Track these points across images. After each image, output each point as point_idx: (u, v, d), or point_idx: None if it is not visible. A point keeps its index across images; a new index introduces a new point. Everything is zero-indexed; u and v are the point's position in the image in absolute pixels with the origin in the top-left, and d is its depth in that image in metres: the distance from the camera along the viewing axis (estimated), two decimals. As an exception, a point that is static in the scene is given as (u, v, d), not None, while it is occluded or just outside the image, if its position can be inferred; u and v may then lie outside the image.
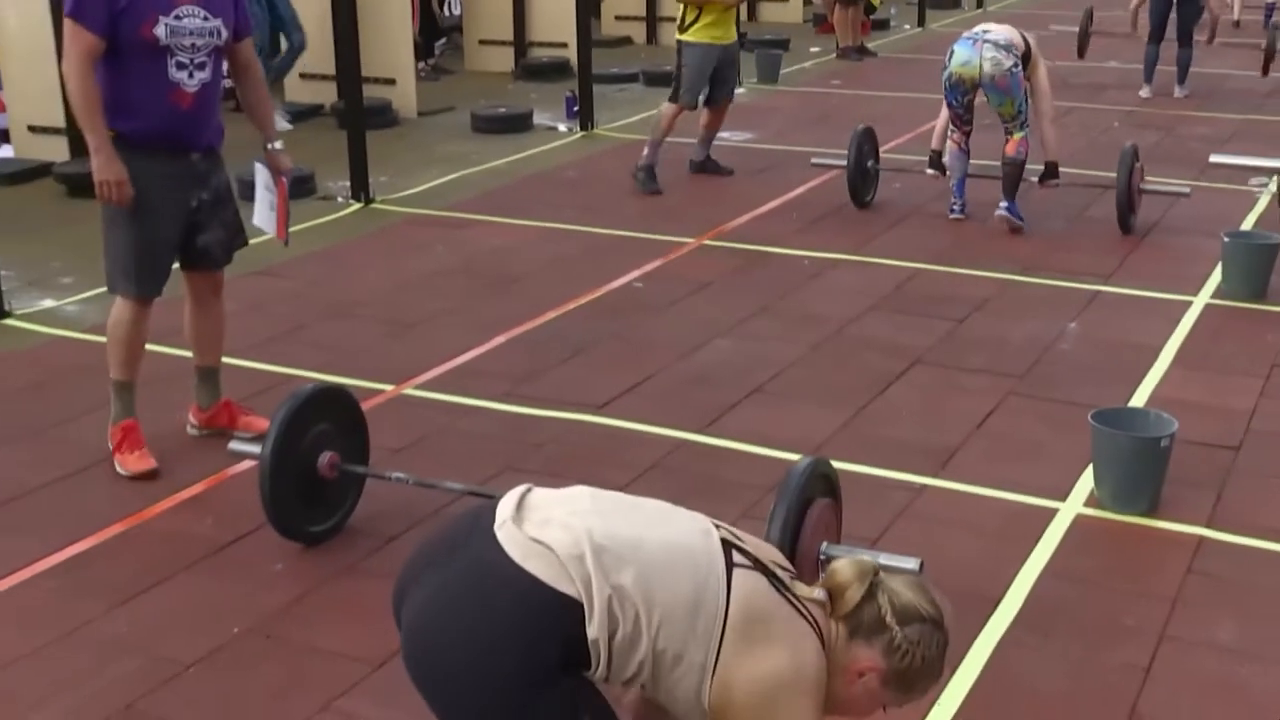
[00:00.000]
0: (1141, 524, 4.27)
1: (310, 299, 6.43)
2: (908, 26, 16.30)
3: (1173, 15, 11.36)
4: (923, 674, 2.46)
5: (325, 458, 3.99)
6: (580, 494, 2.54)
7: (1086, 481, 4.47)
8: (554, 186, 8.62)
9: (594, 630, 2.28)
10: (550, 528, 2.37)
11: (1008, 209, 7.53)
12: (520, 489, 2.50)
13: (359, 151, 8.18)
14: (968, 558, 4.04)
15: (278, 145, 4.80)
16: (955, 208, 7.76)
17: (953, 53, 7.42)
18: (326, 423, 4.05)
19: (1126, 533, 4.24)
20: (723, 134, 10.17)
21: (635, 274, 6.75)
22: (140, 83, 4.35)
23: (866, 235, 7.43)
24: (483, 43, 13.06)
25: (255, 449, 3.99)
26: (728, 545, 2.45)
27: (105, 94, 4.34)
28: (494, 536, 2.36)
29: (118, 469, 4.59)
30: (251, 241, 4.98)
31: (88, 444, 4.81)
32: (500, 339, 5.80)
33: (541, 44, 12.85)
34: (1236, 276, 6.42)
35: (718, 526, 2.51)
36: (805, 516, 3.47)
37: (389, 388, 5.20)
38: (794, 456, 4.61)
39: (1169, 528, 4.24)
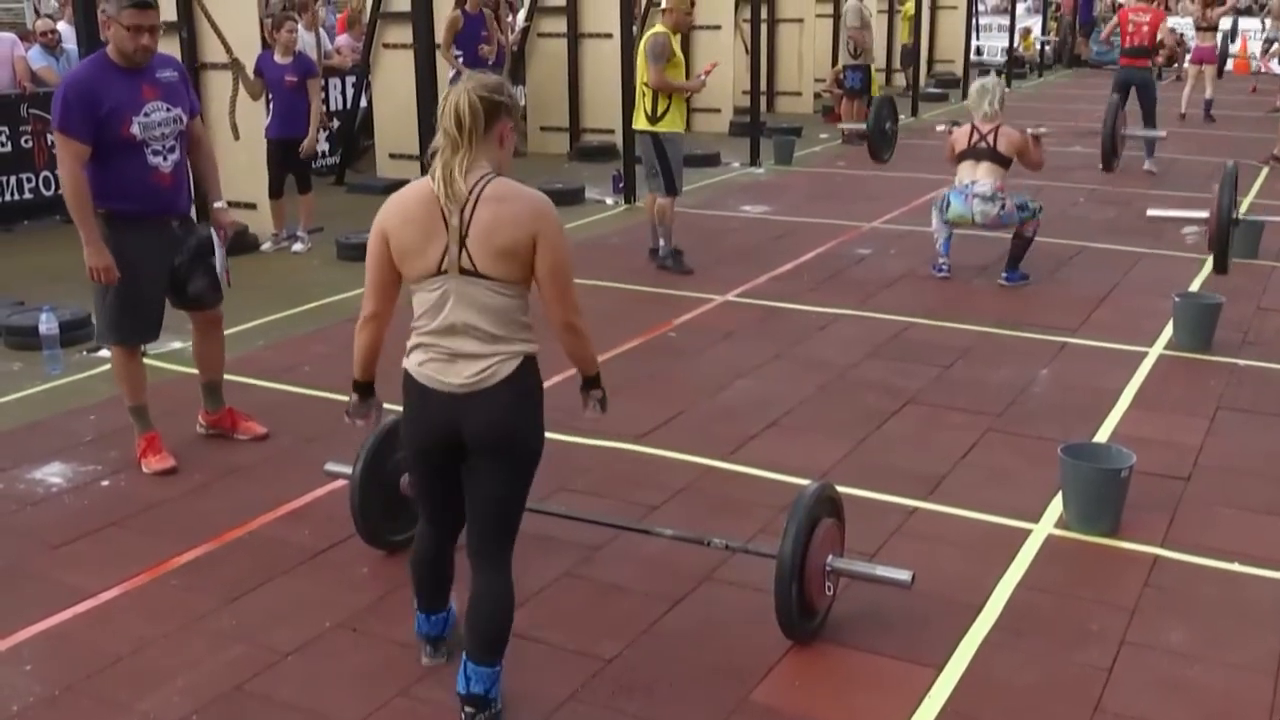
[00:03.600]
0: (1104, 543, 4.20)
1: (398, 343, 6.41)
2: (903, 116, 16.23)
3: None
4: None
5: (405, 479, 3.99)
6: (433, 336, 3.03)
7: (1056, 506, 4.40)
8: (602, 251, 8.63)
9: (531, 346, 3.03)
10: (474, 362, 2.98)
11: (1007, 278, 7.51)
12: (421, 365, 3.05)
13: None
14: (953, 570, 3.98)
15: (220, 204, 4.88)
16: (942, 267, 7.71)
17: (948, 203, 7.51)
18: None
19: (1091, 551, 4.17)
20: (745, 207, 10.19)
21: (670, 325, 6.74)
22: (126, 172, 4.50)
23: (866, 293, 7.39)
24: (543, 129, 13.14)
25: (347, 470, 3.99)
26: None
27: (100, 183, 4.47)
28: (472, 393, 2.97)
29: (145, 470, 4.75)
30: (346, 295, 5.00)
31: (208, 463, 4.83)
32: (556, 379, 5.76)
33: (592, 130, 12.91)
34: (1185, 331, 6.34)
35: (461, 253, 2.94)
36: (813, 533, 3.44)
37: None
38: (804, 481, 4.57)
39: (1128, 547, 4.17)
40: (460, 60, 10.10)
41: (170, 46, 8.79)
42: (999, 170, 7.37)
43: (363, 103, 11.44)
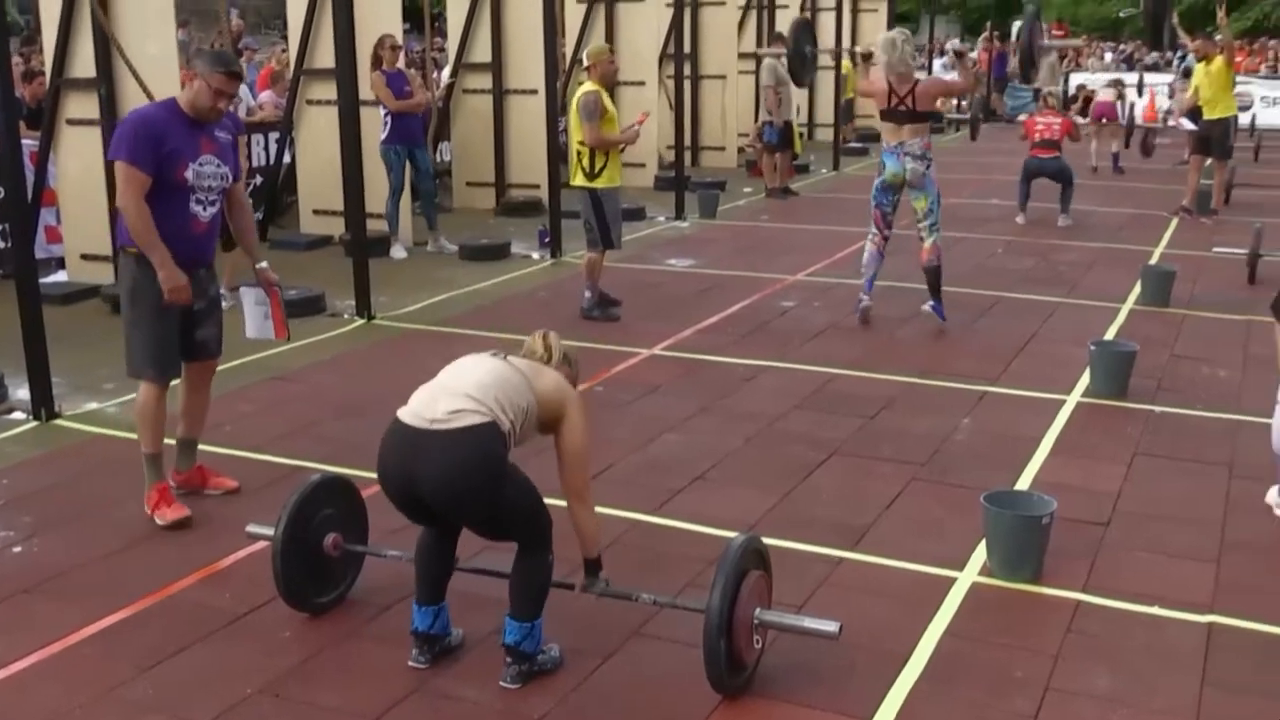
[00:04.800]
0: (1027, 590, 4.24)
1: (320, 401, 6.37)
2: (825, 170, 16.53)
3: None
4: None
5: (330, 538, 3.93)
6: (445, 381, 3.52)
7: (980, 553, 4.44)
8: (529, 305, 8.63)
9: (507, 426, 3.41)
10: (453, 401, 3.41)
11: (933, 307, 7.67)
12: (419, 401, 3.47)
13: (363, 276, 8.17)
14: (880, 620, 4.00)
15: (264, 264, 5.06)
16: (863, 300, 7.83)
17: (883, 164, 7.69)
18: (331, 508, 4.00)
19: (1014, 598, 4.21)
20: (670, 260, 10.26)
21: (597, 380, 6.74)
22: (171, 214, 4.63)
23: (790, 345, 7.46)
24: (469, 184, 13.15)
25: (269, 531, 3.92)
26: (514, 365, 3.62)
27: None
28: (432, 432, 3.36)
29: (158, 522, 4.69)
30: (268, 353, 4.97)
31: (124, 526, 4.72)
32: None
33: (518, 185, 12.94)
34: (1102, 378, 6.47)
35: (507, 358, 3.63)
36: (740, 587, 3.43)
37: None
38: (731, 534, 4.57)
39: (1050, 593, 4.22)
40: (388, 119, 10.08)
41: (89, 104, 8.72)
42: (922, 128, 7.62)
43: (286, 159, 11.37)
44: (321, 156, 10.57)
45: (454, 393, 3.44)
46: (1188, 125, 13.12)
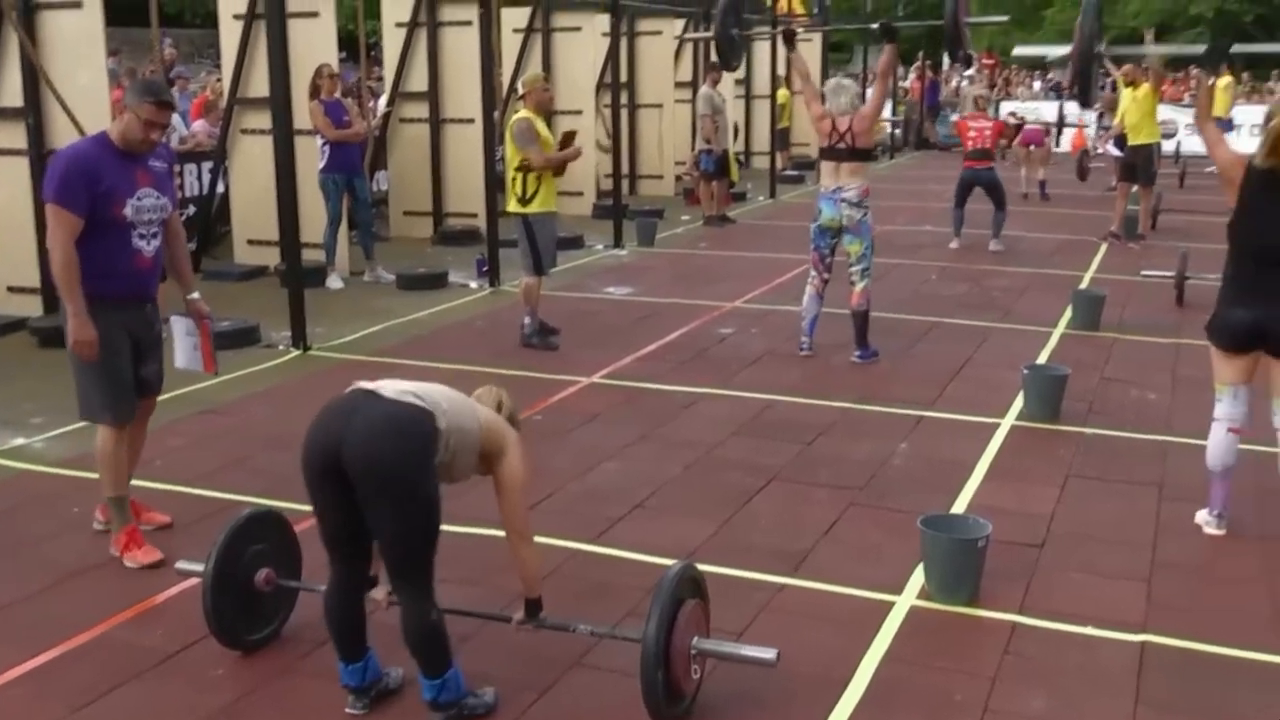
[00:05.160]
0: (964, 613, 4.28)
1: (253, 434, 6.29)
2: (761, 198, 16.66)
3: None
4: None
5: (261, 574, 3.88)
6: (400, 380, 3.51)
7: (918, 577, 4.48)
8: (468, 334, 8.59)
9: (444, 427, 3.37)
10: (399, 387, 3.44)
11: (860, 356, 7.70)
12: (365, 382, 3.48)
13: (298, 306, 8.10)
14: (820, 645, 4.01)
15: (196, 295, 5.00)
16: (804, 345, 7.87)
17: (820, 209, 7.71)
18: (262, 543, 3.94)
19: (952, 621, 4.24)
20: (608, 288, 10.28)
21: (536, 409, 6.72)
22: (112, 252, 4.55)
23: (729, 372, 7.49)
24: (406, 213, 13.09)
25: (199, 568, 3.86)
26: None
27: (87, 263, 4.49)
28: (378, 394, 3.39)
29: (129, 565, 4.60)
30: (199, 385, 4.92)
31: (55, 563, 4.62)
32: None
33: (456, 214, 12.91)
34: (1035, 402, 6.56)
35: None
36: (677, 616, 3.43)
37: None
38: (671, 562, 4.57)
39: (987, 615, 4.26)
40: (325, 148, 10.03)
41: (16, 134, 8.58)
42: (861, 168, 7.66)
43: (220, 188, 11.26)
44: (256, 186, 10.47)
45: (403, 383, 3.48)
46: (1114, 151, 13.40)
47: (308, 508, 3.49)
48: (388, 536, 3.38)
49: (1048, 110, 23.05)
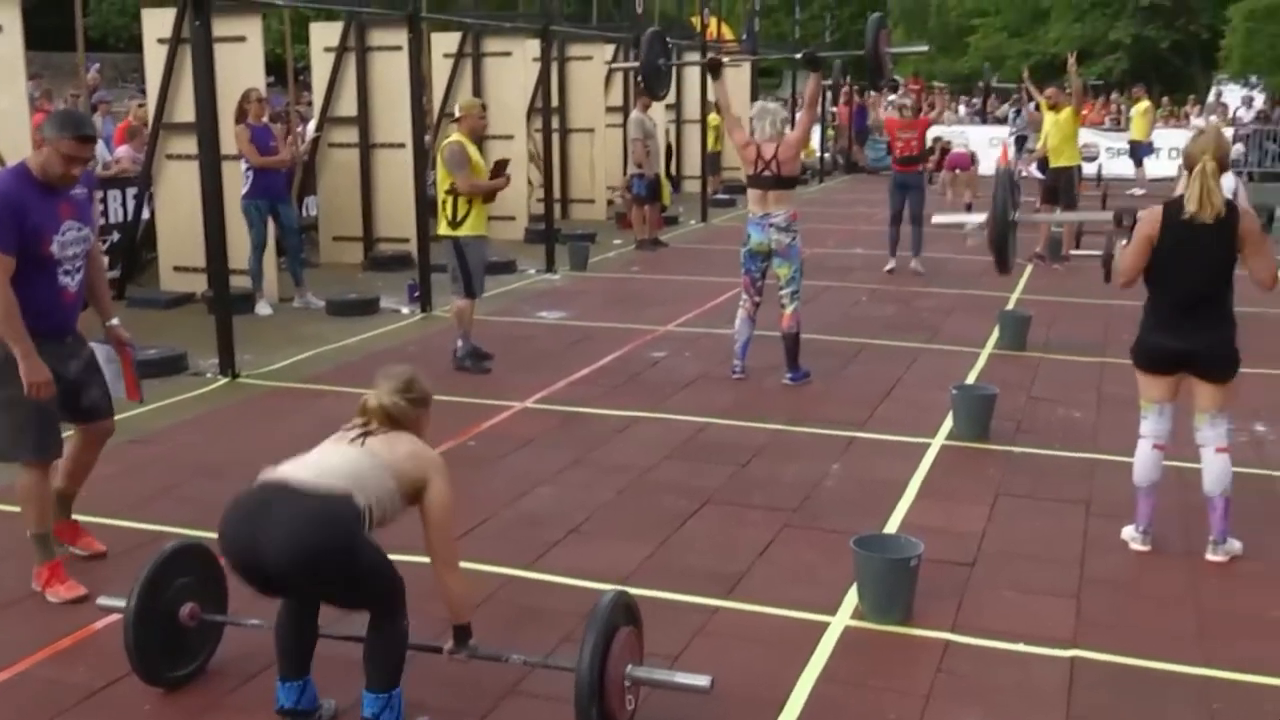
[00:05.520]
0: (898, 632, 4.30)
1: (181, 463, 6.19)
2: (694, 221, 16.74)
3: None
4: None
5: (186, 609, 3.79)
6: (300, 462, 3.43)
7: (851, 597, 4.50)
8: (398, 360, 8.47)
9: (363, 503, 3.30)
10: (311, 471, 3.36)
11: (791, 378, 7.74)
12: (271, 471, 3.40)
13: (226, 333, 7.99)
14: (755, 668, 4.01)
15: (115, 322, 4.91)
16: (737, 368, 7.91)
17: (749, 234, 7.76)
18: (187, 576, 3.85)
19: (886, 640, 4.26)
20: (541, 313, 10.26)
21: (469, 434, 6.68)
22: (38, 290, 4.43)
23: (662, 396, 7.49)
24: (336, 239, 12.98)
25: (121, 603, 3.77)
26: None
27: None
28: (289, 488, 3.29)
29: (51, 599, 4.49)
30: (126, 414, 4.84)
31: (-30, 602, 4.50)
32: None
33: (386, 239, 12.82)
34: (964, 421, 6.64)
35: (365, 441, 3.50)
36: (610, 644, 3.41)
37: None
38: (606, 586, 4.55)
39: (920, 634, 4.29)
40: (249, 173, 9.93)
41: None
42: (788, 195, 7.71)
43: (144, 215, 11.09)
44: (182, 212, 10.32)
45: (309, 467, 3.39)
46: (1037, 174, 13.65)
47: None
48: (343, 606, 3.49)
49: (974, 134, 23.45)
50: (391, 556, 3.44)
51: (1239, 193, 9.64)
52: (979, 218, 5.64)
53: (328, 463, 3.40)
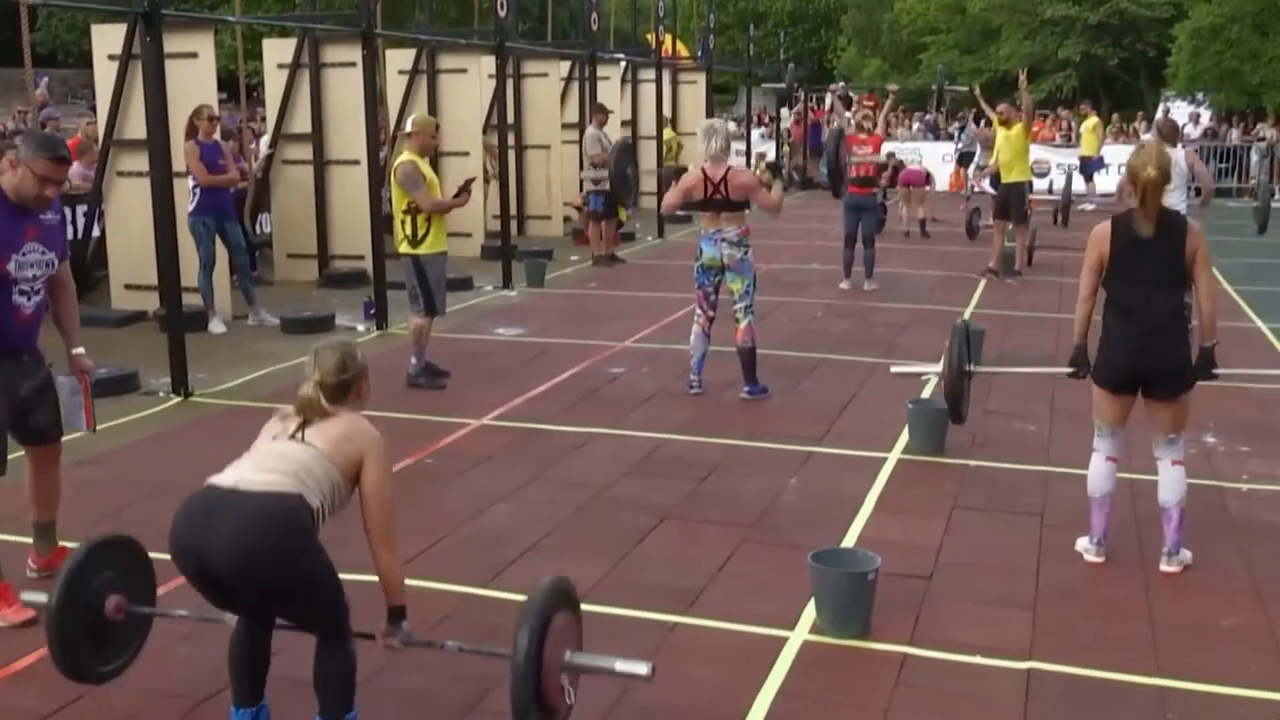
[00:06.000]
0: (856, 646, 4.32)
1: (134, 484, 6.11)
2: (650, 238, 16.77)
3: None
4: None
5: (112, 602, 3.66)
6: (247, 462, 3.41)
7: (810, 611, 4.51)
8: (354, 377, 8.45)
9: (316, 503, 3.33)
10: (256, 473, 3.34)
11: (749, 392, 7.77)
12: (216, 477, 3.37)
13: (178, 351, 7.91)
14: (714, 684, 4.02)
15: (80, 350, 4.84)
16: (694, 384, 7.93)
17: (701, 249, 7.80)
18: (112, 569, 3.72)
19: (844, 654, 4.28)
20: (498, 329, 10.24)
21: (426, 451, 6.64)
22: None
23: (620, 412, 7.50)
24: (290, 256, 12.90)
25: (43, 598, 3.64)
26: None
27: None
28: (239, 492, 3.26)
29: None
30: (78, 435, 4.78)
31: (-84, 627, 4.42)
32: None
33: (341, 256, 12.75)
34: (920, 436, 6.69)
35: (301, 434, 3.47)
36: (547, 629, 3.32)
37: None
38: (565, 604, 4.55)
39: (878, 648, 4.31)
40: (196, 191, 9.85)
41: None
42: (739, 215, 7.75)
43: (95, 232, 10.97)
44: (133, 229, 10.21)
45: (258, 469, 3.36)
46: (989, 190, 13.81)
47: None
48: (292, 618, 3.45)
49: (928, 151, 23.69)
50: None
51: (1195, 167, 9.79)
52: (937, 367, 5.79)
53: (272, 463, 3.37)
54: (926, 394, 7.76)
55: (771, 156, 25.68)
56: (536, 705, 3.31)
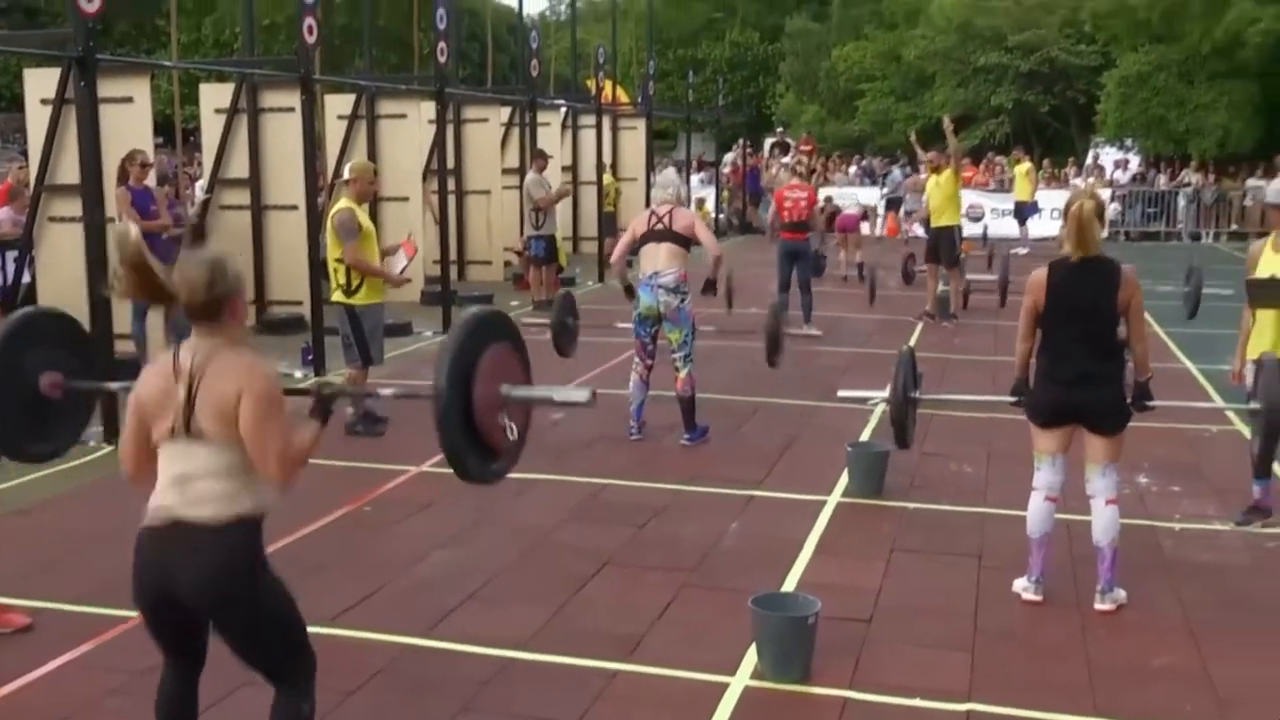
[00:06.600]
0: (797, 690, 4.32)
1: (67, 534, 5.99)
2: (590, 282, 16.81)
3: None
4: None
5: (47, 378, 3.54)
6: (173, 473, 3.16)
7: (751, 656, 4.51)
8: (290, 424, 8.36)
9: (250, 505, 3.13)
10: (189, 497, 3.11)
11: (689, 437, 7.79)
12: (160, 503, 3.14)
13: (110, 399, 7.77)
14: (656, 731, 4.00)
15: None
16: (634, 429, 7.93)
17: (638, 297, 7.79)
18: (46, 345, 3.61)
19: (786, 699, 4.28)
20: (438, 375, 10.17)
21: (364, 499, 6.58)
22: None
23: (561, 457, 7.47)
24: (227, 302, 12.74)
25: None
26: None
27: None
28: (186, 524, 3.08)
29: None
30: (6, 484, 4.69)
31: None
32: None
33: (279, 302, 12.65)
34: (859, 478, 6.74)
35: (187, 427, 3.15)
36: (479, 360, 3.15)
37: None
38: (506, 653, 4.53)
39: (819, 692, 4.32)
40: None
41: None
42: (680, 253, 7.76)
43: (25, 279, 10.79)
44: (65, 276, 10.03)
45: (186, 494, 3.13)
46: (921, 234, 14.02)
47: (134, 612, 3.32)
48: (251, 661, 3.26)
49: (864, 195, 23.99)
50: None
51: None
52: (883, 392, 5.87)
53: (191, 464, 3.13)
54: (866, 435, 7.83)
55: (711, 201, 25.89)
56: (472, 443, 3.13)
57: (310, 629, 3.46)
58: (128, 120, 9.93)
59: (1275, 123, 27.07)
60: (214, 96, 12.85)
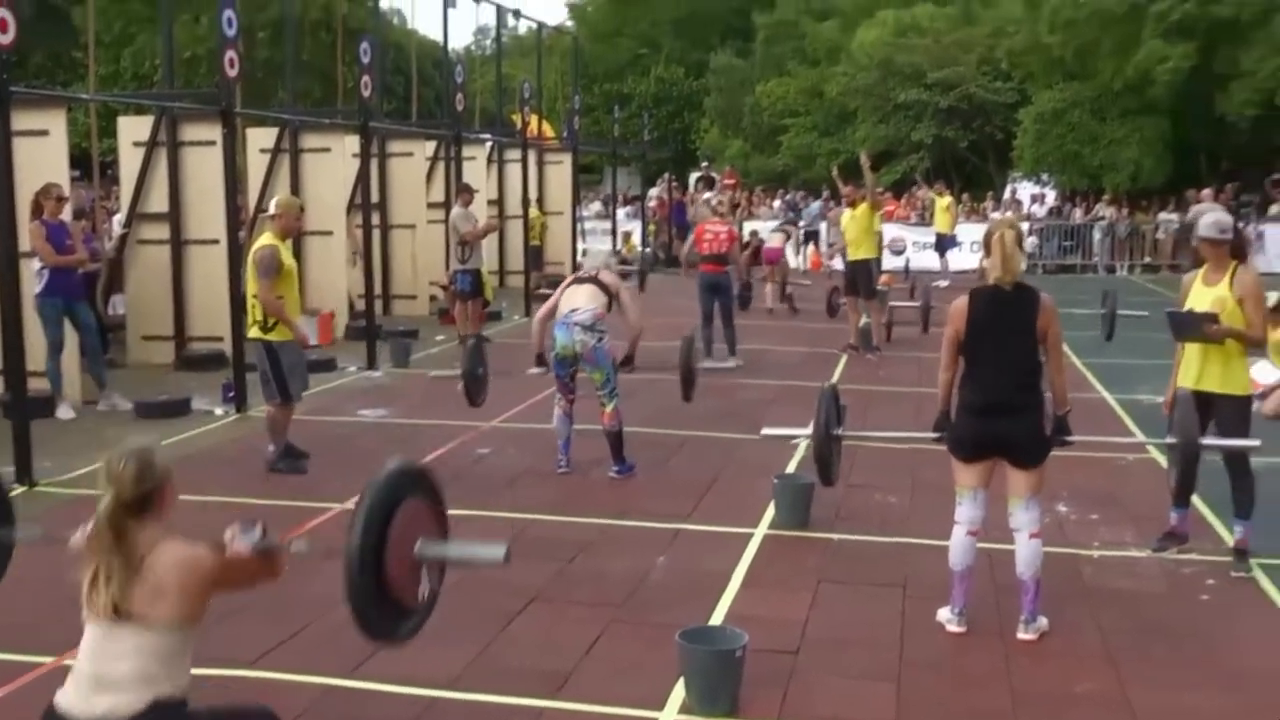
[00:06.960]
0: (725, 724, 4.33)
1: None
2: (517, 317, 16.76)
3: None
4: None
5: None
6: (88, 671, 3.05)
7: (679, 690, 4.51)
8: (214, 463, 8.24)
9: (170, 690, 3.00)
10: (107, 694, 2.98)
11: (617, 471, 7.79)
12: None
13: (23, 439, 7.61)
14: (584, 769, 3.97)
15: None
16: (561, 463, 7.91)
17: (555, 337, 7.76)
18: None
19: (714, 733, 4.28)
20: (363, 411, 10.09)
21: (286, 538, 6.46)
22: None
23: (487, 493, 7.43)
24: (145, 338, 12.55)
25: None
26: None
27: None
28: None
29: None
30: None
31: None
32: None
33: (199, 338, 12.46)
34: (785, 510, 6.77)
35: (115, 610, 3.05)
36: (392, 516, 3.12)
37: (49, 660, 4.72)
38: (432, 693, 4.48)
39: (747, 725, 4.33)
40: (44, 272, 9.56)
41: None
42: (600, 296, 7.82)
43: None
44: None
45: (103, 686, 3.02)
46: (840, 267, 14.20)
47: (36, 657, 3.24)
48: None
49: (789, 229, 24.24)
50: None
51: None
52: (807, 430, 5.94)
53: (111, 652, 3.03)
54: (792, 468, 7.88)
55: (637, 235, 26.01)
56: (376, 596, 3.10)
57: (231, 672, 3.40)
58: (43, 153, 9.78)
59: (1184, 158, 27.87)
60: (133, 129, 12.69)
